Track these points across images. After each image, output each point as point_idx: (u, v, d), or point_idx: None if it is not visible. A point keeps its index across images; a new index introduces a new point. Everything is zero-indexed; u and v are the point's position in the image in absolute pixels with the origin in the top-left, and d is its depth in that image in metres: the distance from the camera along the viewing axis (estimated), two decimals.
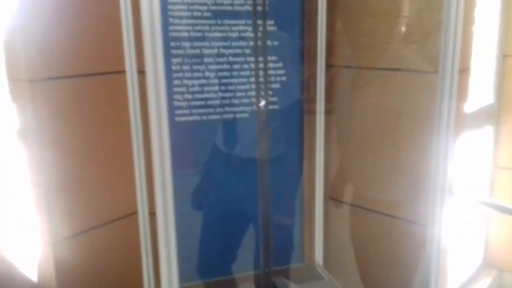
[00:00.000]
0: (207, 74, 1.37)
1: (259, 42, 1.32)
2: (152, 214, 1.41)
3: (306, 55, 1.55)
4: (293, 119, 1.57)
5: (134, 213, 1.47)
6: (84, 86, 1.39)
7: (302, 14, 1.51)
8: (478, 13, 1.83)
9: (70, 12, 1.33)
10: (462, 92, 1.58)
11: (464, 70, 1.55)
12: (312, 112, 1.62)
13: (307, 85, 1.56)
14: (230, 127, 1.45)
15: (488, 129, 2.03)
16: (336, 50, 1.63)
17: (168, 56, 1.34)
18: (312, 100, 1.62)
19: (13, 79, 1.34)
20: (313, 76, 1.57)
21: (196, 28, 1.33)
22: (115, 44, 1.38)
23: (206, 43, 1.35)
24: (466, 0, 1.36)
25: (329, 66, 1.63)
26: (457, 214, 1.70)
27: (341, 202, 1.74)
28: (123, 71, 1.40)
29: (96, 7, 1.37)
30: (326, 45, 1.58)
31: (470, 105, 1.77)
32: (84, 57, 1.38)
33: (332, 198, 1.75)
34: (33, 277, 1.43)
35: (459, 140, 1.57)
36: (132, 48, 1.36)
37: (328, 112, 1.66)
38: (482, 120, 1.97)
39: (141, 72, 1.35)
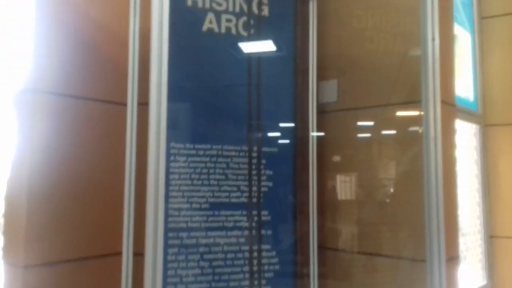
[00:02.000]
0: (201, 263, 1.40)
1: (254, 232, 1.38)
2: None
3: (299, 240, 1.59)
4: None
5: None
6: (77, 271, 1.39)
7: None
8: (461, 199, 1.94)
9: (77, 196, 1.41)
10: (452, 278, 1.60)
11: (452, 259, 1.59)
12: None
13: (301, 272, 1.57)
14: None
15: None
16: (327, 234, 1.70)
17: (165, 247, 1.37)
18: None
19: (9, 264, 1.35)
20: (306, 262, 1.59)
21: (194, 219, 1.40)
22: (114, 226, 1.43)
23: (202, 233, 1.41)
24: (446, 189, 1.47)
25: (320, 247, 1.67)
26: None
27: None
28: (119, 253, 1.42)
29: (101, 191, 1.46)
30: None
31: None
32: (81, 240, 1.41)
33: None
34: None
35: None
36: (131, 231, 1.41)
37: None
38: None
39: (137, 254, 1.37)
